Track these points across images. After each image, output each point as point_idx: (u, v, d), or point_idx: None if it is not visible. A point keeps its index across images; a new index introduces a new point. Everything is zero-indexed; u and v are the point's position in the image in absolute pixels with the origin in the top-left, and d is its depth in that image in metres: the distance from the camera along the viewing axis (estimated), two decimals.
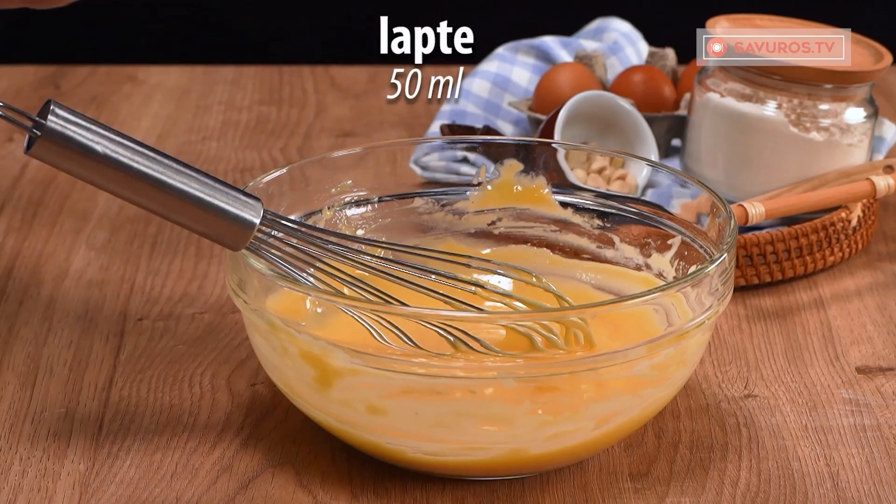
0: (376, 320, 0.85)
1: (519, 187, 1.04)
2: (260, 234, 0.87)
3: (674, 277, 0.99)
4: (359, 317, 0.85)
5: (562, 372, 0.84)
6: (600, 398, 0.86)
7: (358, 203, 1.02)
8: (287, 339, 0.87)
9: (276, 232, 0.88)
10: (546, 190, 1.04)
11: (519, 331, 0.87)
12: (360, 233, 1.02)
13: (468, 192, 1.05)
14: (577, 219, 1.04)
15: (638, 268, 1.02)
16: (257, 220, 0.87)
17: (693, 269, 0.97)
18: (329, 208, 1.01)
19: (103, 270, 1.14)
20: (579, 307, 0.89)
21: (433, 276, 0.89)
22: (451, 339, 0.85)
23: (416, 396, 0.85)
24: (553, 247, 1.04)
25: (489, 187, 1.04)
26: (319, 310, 0.92)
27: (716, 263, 0.88)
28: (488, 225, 1.05)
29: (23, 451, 0.92)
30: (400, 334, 0.85)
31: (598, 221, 1.03)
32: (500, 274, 0.96)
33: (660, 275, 1.00)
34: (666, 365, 0.87)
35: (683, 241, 0.99)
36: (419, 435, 0.86)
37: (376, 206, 1.03)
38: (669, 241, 1.00)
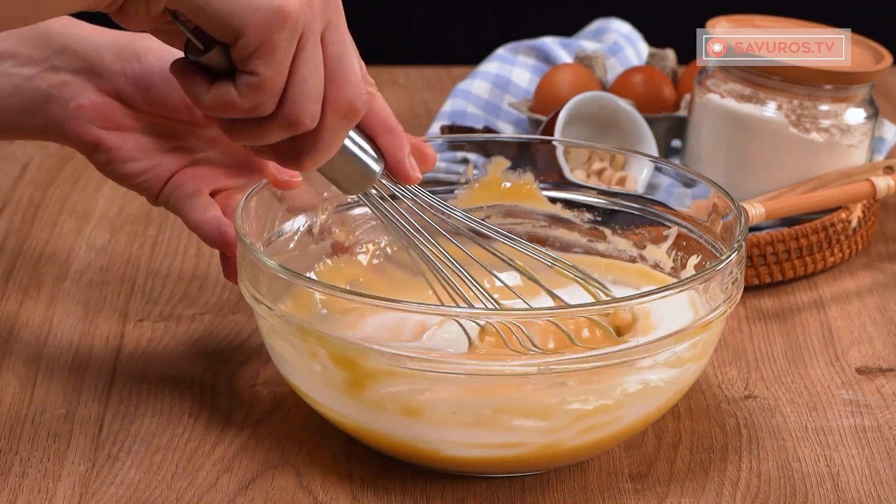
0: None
1: (507, 184, 1.04)
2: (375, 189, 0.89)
3: (672, 268, 0.99)
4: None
5: (598, 364, 0.84)
6: (633, 389, 0.86)
7: (350, 206, 1.01)
8: (317, 342, 0.86)
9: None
10: (534, 185, 1.04)
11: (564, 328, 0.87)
12: (358, 233, 1.02)
13: (456, 191, 1.05)
14: (566, 214, 1.04)
15: (632, 259, 1.02)
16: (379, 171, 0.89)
17: (708, 262, 0.97)
18: (323, 212, 1.01)
19: (103, 271, 1.14)
20: (627, 298, 0.88)
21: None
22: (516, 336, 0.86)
23: (453, 395, 0.85)
24: (543, 242, 1.04)
25: (476, 185, 1.04)
26: (324, 311, 0.91)
27: (736, 252, 0.89)
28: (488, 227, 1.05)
29: (23, 452, 0.92)
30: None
31: (588, 216, 1.03)
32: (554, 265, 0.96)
33: (656, 266, 1.00)
34: (691, 354, 0.88)
35: (680, 232, 0.99)
36: (455, 433, 0.86)
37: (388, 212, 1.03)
38: (665, 233, 1.00)
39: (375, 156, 0.89)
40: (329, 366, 0.87)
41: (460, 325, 0.88)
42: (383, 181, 0.90)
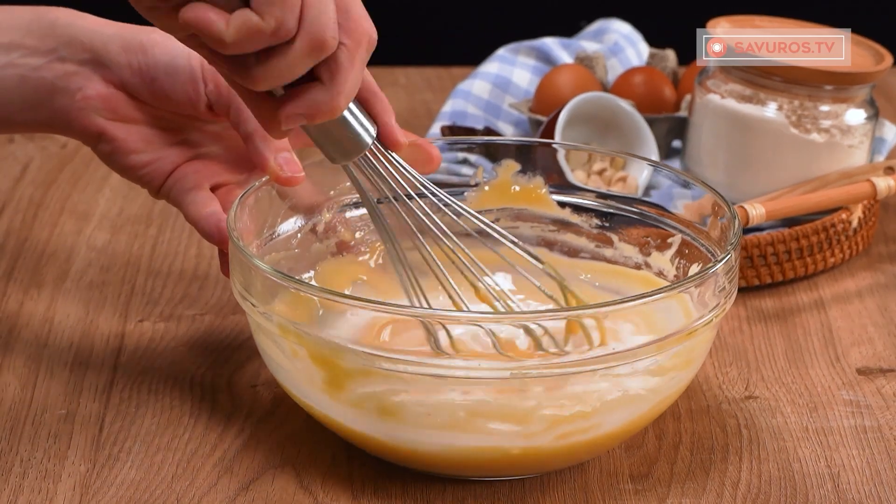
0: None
1: (517, 187, 1.04)
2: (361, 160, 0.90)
3: (675, 276, 0.99)
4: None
5: (575, 370, 0.84)
6: (612, 396, 0.86)
7: (357, 204, 1.01)
8: (297, 341, 0.87)
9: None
10: (544, 190, 1.04)
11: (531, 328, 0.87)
12: (358, 235, 1.02)
13: (466, 193, 1.05)
14: (575, 218, 1.04)
15: (637, 266, 1.02)
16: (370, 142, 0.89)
17: (697, 267, 0.97)
18: (328, 210, 1.01)
19: (104, 272, 1.14)
20: (605, 304, 0.88)
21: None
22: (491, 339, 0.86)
23: (428, 397, 0.85)
24: (551, 246, 1.04)
25: (486, 188, 1.04)
26: (321, 312, 0.91)
27: (722, 262, 0.88)
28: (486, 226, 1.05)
29: (23, 453, 0.92)
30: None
31: (596, 221, 1.03)
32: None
33: (660, 273, 1.00)
34: (674, 363, 0.88)
35: (684, 239, 0.99)
36: (431, 435, 0.86)
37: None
38: (669, 240, 1.00)
39: (368, 121, 0.89)
40: (309, 364, 0.87)
41: (426, 327, 0.88)
42: (370, 155, 0.89)
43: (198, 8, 0.80)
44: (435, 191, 0.92)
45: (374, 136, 0.89)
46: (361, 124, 0.89)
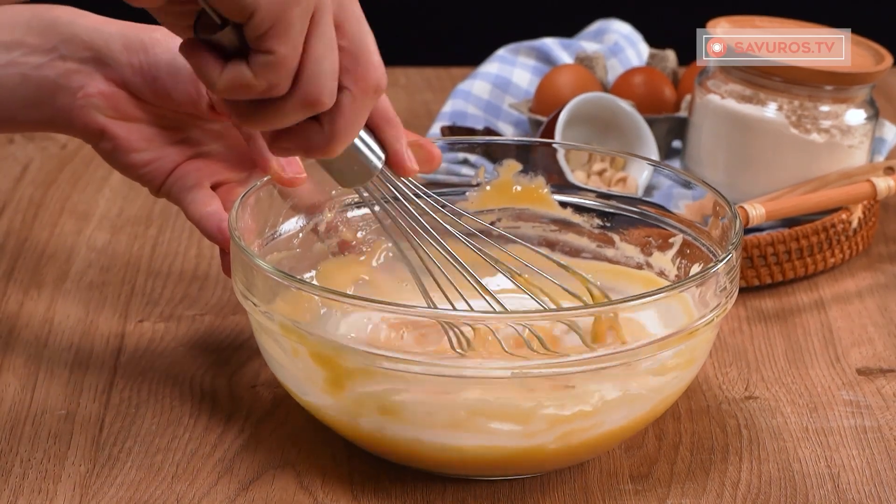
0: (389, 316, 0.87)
1: (518, 187, 1.04)
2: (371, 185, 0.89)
3: (676, 276, 0.99)
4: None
5: (576, 370, 0.84)
6: (613, 395, 0.86)
7: (359, 204, 1.01)
8: (298, 340, 0.87)
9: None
10: (545, 189, 1.04)
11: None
12: (360, 234, 1.02)
13: (467, 193, 1.05)
14: (576, 218, 1.04)
15: (639, 266, 1.02)
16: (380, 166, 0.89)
17: (698, 266, 0.97)
18: (330, 210, 1.01)
19: (104, 272, 1.14)
20: (612, 302, 0.88)
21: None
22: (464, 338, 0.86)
23: (429, 396, 0.85)
24: (553, 246, 1.04)
25: (488, 187, 1.04)
26: (323, 310, 0.92)
27: (723, 262, 0.88)
28: (488, 225, 1.05)
29: (23, 453, 0.92)
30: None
31: (597, 221, 1.03)
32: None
33: (661, 273, 1.00)
34: (676, 363, 0.88)
35: (685, 239, 0.99)
36: (432, 435, 0.86)
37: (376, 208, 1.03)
38: (671, 240, 1.00)
39: (378, 148, 0.88)
40: (310, 364, 0.87)
41: (444, 327, 0.87)
42: (380, 175, 0.89)
43: (197, 49, 0.79)
44: (446, 208, 0.92)
45: (382, 163, 0.89)
46: (370, 152, 0.88)
